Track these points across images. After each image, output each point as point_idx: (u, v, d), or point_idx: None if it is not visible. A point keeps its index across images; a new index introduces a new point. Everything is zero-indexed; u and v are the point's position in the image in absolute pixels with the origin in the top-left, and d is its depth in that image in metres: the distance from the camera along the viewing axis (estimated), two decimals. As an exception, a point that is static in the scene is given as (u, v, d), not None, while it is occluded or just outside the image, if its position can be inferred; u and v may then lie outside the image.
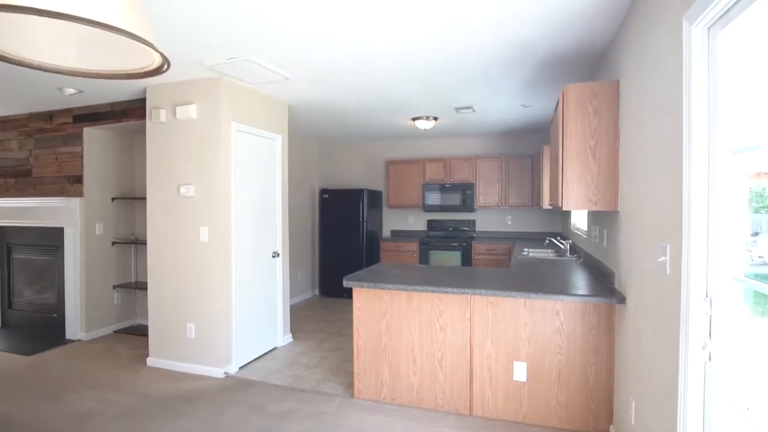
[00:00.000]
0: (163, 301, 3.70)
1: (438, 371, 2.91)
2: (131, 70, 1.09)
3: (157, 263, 3.71)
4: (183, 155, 3.60)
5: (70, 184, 4.52)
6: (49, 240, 4.63)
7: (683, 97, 1.46)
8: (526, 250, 4.75)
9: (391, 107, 4.53)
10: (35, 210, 4.67)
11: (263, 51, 2.89)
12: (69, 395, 3.17)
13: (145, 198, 3.90)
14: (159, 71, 1.08)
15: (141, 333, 4.57)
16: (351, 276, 3.08)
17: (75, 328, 4.48)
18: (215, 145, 3.49)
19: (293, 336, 4.53)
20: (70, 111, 4.42)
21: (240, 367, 3.67)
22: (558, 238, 5.24)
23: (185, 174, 3.59)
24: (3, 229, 4.91)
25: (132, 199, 4.91)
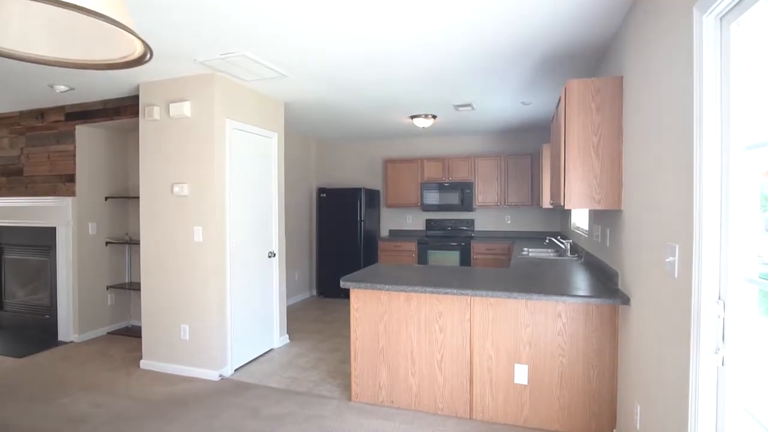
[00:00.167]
0: (157, 302, 3.62)
1: (437, 374, 2.85)
2: (111, 60, 1.03)
3: (151, 264, 3.64)
4: (177, 153, 3.53)
5: (62, 183, 4.44)
6: (42, 240, 4.55)
7: (694, 92, 1.39)
8: (526, 249, 4.69)
9: (390, 105, 4.47)
10: (27, 210, 4.58)
11: (257, 47, 2.82)
12: (61, 398, 3.10)
13: (139, 197, 3.82)
14: (141, 61, 1.01)
15: (135, 334, 4.49)
16: (348, 276, 3.01)
17: (68, 329, 4.40)
18: (209, 143, 3.42)
19: (290, 337, 4.47)
20: (62, 108, 4.34)
21: (235, 370, 3.61)
22: (558, 237, 5.19)
23: (179, 172, 3.52)
24: (-6, 229, 4.83)
25: (126, 199, 4.83)
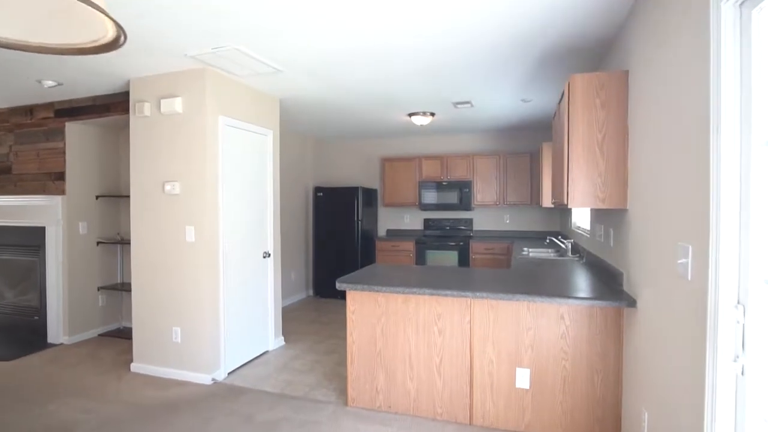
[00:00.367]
0: (148, 304, 3.52)
1: (436, 378, 2.77)
2: (82, 44, 0.94)
3: (141, 264, 3.54)
4: (168, 150, 3.43)
5: (51, 181, 4.33)
6: (31, 240, 4.43)
7: (710, 83, 1.31)
8: (526, 249, 4.62)
9: (387, 102, 4.38)
10: (15, 208, 4.47)
11: (250, 40, 2.72)
12: (49, 403, 3.00)
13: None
14: (115, 45, 0.92)
15: (126, 336, 4.38)
16: (345, 278, 2.92)
17: (57, 331, 4.29)
18: (202, 140, 3.32)
19: (285, 339, 4.38)
20: (51, 105, 4.23)
21: (229, 373, 3.51)
22: (558, 237, 5.11)
23: (170, 170, 3.42)
24: (-18, 229, 4.71)
25: (117, 197, 4.72)
